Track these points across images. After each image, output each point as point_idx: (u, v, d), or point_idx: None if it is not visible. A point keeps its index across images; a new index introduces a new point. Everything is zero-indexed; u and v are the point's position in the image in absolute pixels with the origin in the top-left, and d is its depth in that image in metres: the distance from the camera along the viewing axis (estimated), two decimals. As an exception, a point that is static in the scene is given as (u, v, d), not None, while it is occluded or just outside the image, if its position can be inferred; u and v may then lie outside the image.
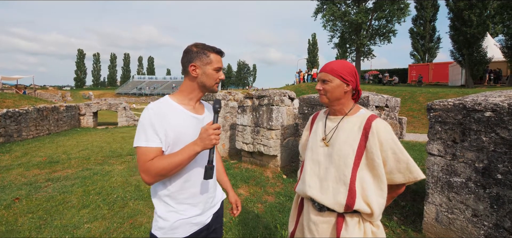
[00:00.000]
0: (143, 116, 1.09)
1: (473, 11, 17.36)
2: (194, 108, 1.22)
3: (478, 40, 17.63)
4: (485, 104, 2.12)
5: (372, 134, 1.11)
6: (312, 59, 56.14)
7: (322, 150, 1.23)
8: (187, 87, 1.20)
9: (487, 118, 2.10)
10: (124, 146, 7.97)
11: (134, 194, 3.87)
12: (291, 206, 3.48)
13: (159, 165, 1.04)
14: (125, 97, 46.88)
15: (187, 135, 1.13)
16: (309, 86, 20.20)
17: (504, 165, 2.01)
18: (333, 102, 1.21)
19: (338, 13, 24.14)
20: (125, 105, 17.32)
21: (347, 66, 1.20)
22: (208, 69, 1.17)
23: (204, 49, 1.18)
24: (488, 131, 2.10)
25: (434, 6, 27.09)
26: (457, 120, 2.29)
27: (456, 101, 2.32)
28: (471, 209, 2.26)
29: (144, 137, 1.06)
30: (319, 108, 3.70)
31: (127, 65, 74.31)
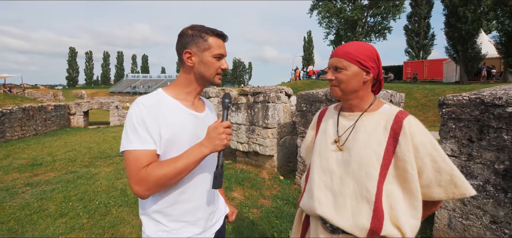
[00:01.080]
0: (132, 112, 0.89)
1: (468, 8, 17.41)
2: (192, 105, 1.02)
3: (472, 37, 17.69)
4: (506, 98, 1.89)
5: (404, 136, 0.85)
6: (307, 56, 56.07)
7: (334, 155, 0.97)
8: (183, 80, 1.01)
9: (509, 114, 1.87)
10: (114, 146, 7.65)
11: (119, 200, 3.57)
12: (289, 211, 3.26)
13: (158, 172, 0.84)
14: (118, 96, 46.14)
15: (184, 136, 0.94)
16: (305, 84, 20.03)
17: (529, 167, 1.79)
18: (348, 95, 0.95)
19: (334, 10, 24.08)
20: (117, 104, 16.90)
21: (366, 48, 0.94)
22: (206, 56, 0.96)
23: (201, 31, 0.96)
24: (511, 129, 1.87)
25: (428, 3, 27.13)
26: (474, 117, 2.06)
27: (472, 95, 2.09)
28: (489, 215, 2.04)
29: (135, 138, 0.86)
30: (318, 105, 3.45)
31: (120, 63, 73.15)
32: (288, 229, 2.75)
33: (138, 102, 0.91)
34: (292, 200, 3.43)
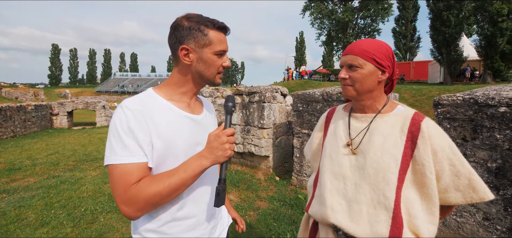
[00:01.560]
0: (116, 118, 0.76)
1: (451, 12, 18.16)
2: (188, 106, 0.90)
3: (455, 40, 18.50)
4: (499, 99, 1.96)
5: (423, 140, 0.82)
6: (299, 57, 56.60)
7: (347, 160, 0.92)
8: (178, 79, 0.88)
9: (501, 114, 1.94)
10: (101, 149, 7.40)
11: (107, 206, 3.42)
12: (286, 212, 3.25)
13: (150, 190, 0.73)
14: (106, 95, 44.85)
15: (180, 144, 0.82)
16: (297, 83, 20.23)
17: (520, 165, 1.86)
18: (362, 95, 0.90)
19: (326, 11, 24.53)
20: (104, 103, 16.40)
21: (382, 46, 0.90)
22: (206, 53, 0.84)
23: (200, 23, 0.83)
24: (503, 128, 1.94)
25: (415, 7, 28.03)
26: (468, 116, 2.13)
27: (466, 96, 2.15)
28: (482, 212, 2.10)
29: (120, 150, 0.74)
30: (315, 105, 3.47)
31: (108, 61, 71.15)
32: (286, 232, 2.74)
33: (123, 106, 0.77)
34: (289, 201, 3.42)
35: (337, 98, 3.20)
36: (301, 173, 3.80)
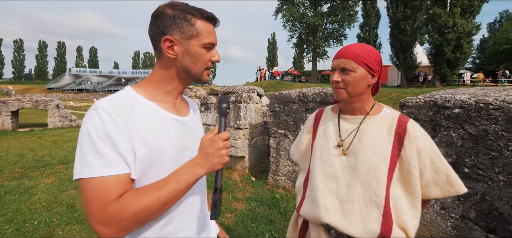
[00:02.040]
0: (90, 123, 0.65)
1: (408, 22, 20.08)
2: (174, 107, 0.81)
3: (410, 47, 20.50)
4: (454, 101, 2.21)
5: (409, 140, 0.88)
6: (271, 57, 57.50)
7: (338, 160, 0.95)
8: (161, 76, 0.78)
9: (456, 115, 2.20)
10: (55, 153, 6.65)
11: (66, 217, 3.07)
12: (264, 212, 3.27)
13: (137, 205, 0.63)
14: (59, 93, 40.65)
15: (167, 150, 0.73)
16: (270, 84, 20.53)
17: (470, 160, 2.12)
18: (354, 97, 0.94)
19: (297, 14, 25.37)
20: (58, 102, 14.79)
21: (373, 51, 0.94)
22: (193, 46, 0.75)
23: (186, 12, 0.74)
24: (457, 127, 2.19)
25: (377, 15, 30.32)
26: (429, 117, 2.36)
27: (427, 98, 2.39)
28: (439, 203, 2.35)
29: (96, 160, 0.63)
30: (291, 106, 3.56)
31: (62, 55, 64.55)
32: (264, 232, 2.76)
33: (98, 108, 0.66)
34: (266, 201, 3.45)
35: (313, 99, 3.32)
36: (278, 172, 3.86)
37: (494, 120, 1.99)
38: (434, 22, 17.95)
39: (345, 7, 25.29)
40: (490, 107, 2.01)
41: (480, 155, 2.07)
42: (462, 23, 16.70)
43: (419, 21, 20.27)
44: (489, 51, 27.97)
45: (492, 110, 2.00)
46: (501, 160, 1.96)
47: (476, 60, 32.07)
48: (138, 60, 76.33)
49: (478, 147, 2.07)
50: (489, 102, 2.02)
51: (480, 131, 2.06)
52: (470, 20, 16.99)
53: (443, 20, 16.99)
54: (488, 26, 36.84)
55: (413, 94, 12.50)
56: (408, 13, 19.90)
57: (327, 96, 3.19)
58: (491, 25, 36.44)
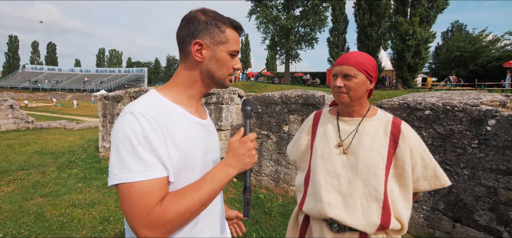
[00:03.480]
0: (128, 127, 0.65)
1: (373, 28, 21.54)
2: (197, 111, 0.84)
3: (376, 52, 22.00)
4: (425, 104, 2.42)
5: (403, 140, 0.98)
6: (244, 59, 57.56)
7: (339, 159, 1.03)
8: (186, 78, 0.80)
9: (426, 116, 2.41)
10: (13, 158, 6.00)
11: (36, 228, 2.82)
12: (250, 213, 3.29)
13: (179, 207, 0.65)
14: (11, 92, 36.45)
15: (196, 154, 0.75)
16: (245, 85, 20.54)
17: (439, 156, 2.34)
18: (354, 102, 1.03)
19: (270, 17, 25.72)
20: (12, 102, 13.29)
21: (371, 59, 1.03)
22: (220, 52, 0.78)
23: (217, 20, 0.79)
24: (427, 127, 2.41)
25: (345, 20, 32.01)
26: (403, 118, 2.56)
27: (401, 100, 2.59)
28: (413, 196, 2.56)
29: (137, 165, 0.63)
30: (274, 107, 3.60)
31: (14, 51, 57.84)
32: (251, 232, 2.76)
33: (135, 112, 0.67)
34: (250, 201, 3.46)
35: (295, 100, 3.39)
36: (260, 173, 3.89)
37: (459, 120, 2.22)
38: (396, 29, 19.49)
39: (316, 11, 26.36)
40: (456, 109, 2.24)
41: (447, 152, 2.29)
42: (420, 31, 18.36)
43: (383, 28, 21.90)
44: (443, 57, 31.17)
45: (457, 111, 2.23)
46: (465, 157, 2.20)
47: (432, 66, 35.52)
48: (103, 58, 71.24)
49: (445, 145, 2.30)
50: (454, 104, 2.25)
51: (447, 130, 2.28)
52: (427, 29, 18.75)
53: (404, 27, 18.52)
54: (442, 35, 40.96)
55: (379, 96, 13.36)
56: (374, 20, 21.38)
57: (309, 98, 3.29)
58: (444, 34, 40.56)
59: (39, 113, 20.37)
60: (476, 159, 2.15)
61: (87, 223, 2.94)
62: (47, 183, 4.30)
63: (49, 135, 9.87)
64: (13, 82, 45.13)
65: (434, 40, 19.87)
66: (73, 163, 5.64)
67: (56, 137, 9.39)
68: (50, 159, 6.00)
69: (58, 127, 12.60)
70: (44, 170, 5.10)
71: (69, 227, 2.84)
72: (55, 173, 4.94)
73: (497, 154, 2.05)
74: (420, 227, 2.50)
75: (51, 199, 3.62)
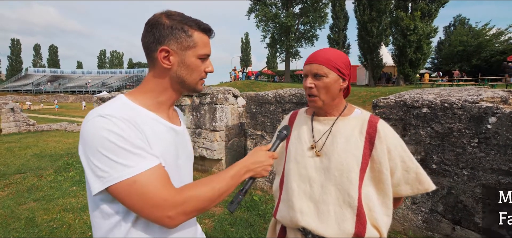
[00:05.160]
0: (104, 130, 0.63)
1: (374, 24, 21.27)
2: (168, 117, 0.81)
3: (377, 48, 21.74)
4: (422, 101, 2.32)
5: (380, 140, 0.89)
6: (245, 57, 57.38)
7: (312, 162, 0.96)
8: (154, 85, 0.78)
9: (424, 114, 2.31)
10: (11, 162, 5.98)
11: (25, 233, 2.77)
12: (242, 216, 3.20)
13: (199, 193, 0.68)
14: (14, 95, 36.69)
15: (169, 160, 0.74)
16: (244, 84, 20.48)
17: (438, 156, 2.24)
18: (328, 104, 0.95)
19: (270, 15, 25.60)
20: (13, 105, 13.37)
21: (343, 56, 0.95)
22: (189, 57, 0.76)
23: (184, 23, 0.75)
24: (425, 126, 2.30)
25: (345, 17, 31.74)
26: (399, 116, 2.46)
27: (397, 98, 2.49)
28: (410, 198, 2.46)
29: (131, 159, 0.63)
30: (268, 107, 3.52)
31: (16, 54, 58.30)
32: (244, 236, 2.69)
33: (106, 115, 0.64)
34: (244, 203, 3.38)
35: (289, 100, 3.30)
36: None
37: (458, 118, 2.12)
38: (397, 25, 19.23)
39: (316, 8, 26.16)
40: (454, 107, 2.13)
41: (446, 151, 2.19)
42: (422, 26, 18.09)
43: (384, 24, 21.61)
44: (445, 52, 30.72)
45: (456, 109, 2.12)
46: (465, 156, 2.10)
47: (434, 61, 35.07)
48: (104, 59, 71.47)
49: (444, 144, 2.20)
50: (453, 101, 2.15)
51: (446, 129, 2.18)
52: (429, 23, 18.47)
53: (405, 23, 18.26)
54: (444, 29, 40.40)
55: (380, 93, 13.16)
56: (374, 16, 21.10)
57: (304, 97, 3.20)
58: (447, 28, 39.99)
59: (42, 115, 20.48)
60: (476, 158, 2.05)
61: (77, 228, 2.89)
62: (42, 187, 4.26)
63: (49, 137, 9.88)
64: (16, 85, 45.49)
65: (436, 35, 19.60)
66: (70, 166, 5.60)
67: (56, 139, 9.38)
68: (48, 162, 5.97)
69: (59, 129, 12.63)
70: (41, 173, 5.07)
71: (59, 233, 2.79)
72: (52, 176, 4.90)
73: (498, 154, 1.95)
74: (418, 230, 2.40)
75: (44, 203, 3.57)
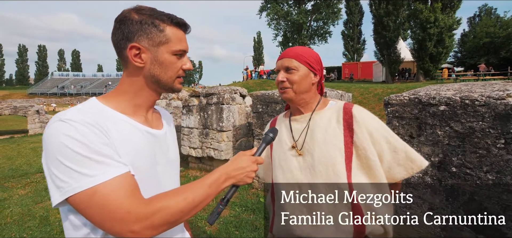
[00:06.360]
0: (64, 135, 0.57)
1: (390, 18, 20.41)
2: (146, 120, 0.75)
3: (394, 43, 20.85)
4: (439, 98, 2.12)
5: (357, 124, 0.89)
6: (257, 56, 57.42)
7: (296, 163, 0.93)
8: (129, 87, 0.72)
9: (441, 112, 2.11)
10: (34, 161, 6.31)
11: (37, 232, 2.87)
12: (248, 218, 3.13)
13: (169, 205, 0.61)
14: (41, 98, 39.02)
15: (143, 167, 0.68)
16: (256, 83, 20.41)
17: (458, 158, 2.04)
18: (299, 96, 0.96)
19: (282, 13, 25.36)
20: (38, 107, 14.22)
21: (312, 52, 0.99)
22: (162, 54, 0.70)
23: (154, 17, 0.69)
24: (443, 125, 2.10)
25: (360, 12, 30.84)
26: (414, 115, 2.27)
27: (412, 95, 2.30)
28: (428, 203, 2.26)
29: (92, 167, 0.57)
30: (274, 106, 3.41)
31: (43, 59, 62.00)
32: (249, 239, 2.61)
33: (66, 119, 0.59)
34: (251, 206, 3.31)
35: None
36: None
37: (481, 117, 1.91)
38: (416, 18, 18.34)
39: (329, 4, 25.56)
40: (476, 104, 1.93)
41: (467, 153, 1.99)
42: (443, 18, 17.14)
43: (401, 17, 20.67)
44: (470, 45, 28.92)
45: (478, 106, 1.92)
46: (489, 159, 1.89)
47: (457, 54, 33.12)
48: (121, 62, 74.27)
49: (465, 145, 1.99)
50: (475, 98, 1.94)
51: (467, 128, 1.98)
52: (451, 15, 17.47)
53: (425, 15, 17.38)
54: (468, 20, 38.03)
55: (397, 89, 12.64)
56: (391, 9, 20.24)
57: (311, 96, 3.07)
58: (471, 19, 37.62)
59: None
60: (503, 161, 1.83)
61: (86, 229, 2.94)
62: (57, 187, 4.43)
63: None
64: (43, 89, 48.31)
65: (459, 27, 18.51)
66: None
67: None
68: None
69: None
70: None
71: (68, 233, 2.86)
72: (68, 176, 5.10)
73: (529, 156, 1.73)
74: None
75: (58, 203, 3.70)
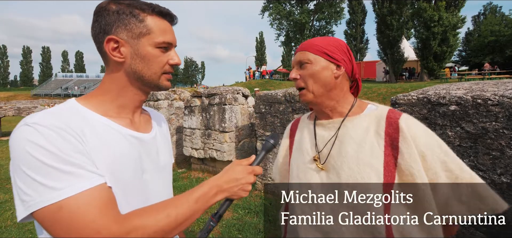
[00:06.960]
0: (27, 141, 0.50)
1: (394, 17, 20.24)
2: (132, 123, 0.67)
3: (397, 42, 20.67)
4: (449, 98, 2.05)
5: (405, 141, 0.67)
6: (260, 57, 57.32)
7: (318, 178, 0.77)
8: (110, 85, 0.65)
9: (452, 112, 2.03)
10: (36, 162, 6.29)
11: (38, 234, 2.83)
12: (251, 221, 3.07)
13: (147, 223, 0.53)
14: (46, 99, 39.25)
15: (126, 176, 0.60)
16: (259, 83, 20.35)
17: (470, 160, 1.96)
18: (320, 96, 0.76)
19: (284, 13, 25.32)
20: (41, 109, 14.24)
21: (334, 40, 0.80)
22: (144, 46, 0.62)
23: (133, 7, 0.62)
24: (454, 125, 2.03)
25: (363, 11, 30.63)
26: (422, 115, 2.19)
27: (420, 95, 2.22)
28: (437, 206, 2.20)
29: (58, 179, 0.49)
30: (277, 106, 3.35)
31: (47, 61, 62.59)
32: (252, 242, 2.55)
33: (31, 123, 0.52)
34: (254, 208, 3.25)
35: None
36: (266, 177, 3.66)
37: (494, 117, 1.83)
38: (420, 16, 18.15)
39: (331, 4, 25.46)
40: (489, 103, 1.85)
41: (480, 155, 1.91)
42: (448, 17, 16.93)
43: (405, 16, 20.47)
44: (474, 43, 28.56)
45: (491, 106, 1.84)
46: (503, 161, 1.81)
47: (462, 53, 32.74)
48: (125, 63, 74.66)
49: (477, 146, 1.92)
50: (487, 97, 1.86)
51: (479, 129, 1.90)
52: (455, 13, 17.26)
53: (429, 14, 17.19)
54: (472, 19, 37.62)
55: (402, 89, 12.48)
56: (394, 8, 20.06)
57: (315, 95, 3.01)
58: (475, 17, 37.20)
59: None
60: (518, 163, 1.75)
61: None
62: (59, 188, 4.42)
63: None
64: (47, 90, 48.68)
65: (464, 25, 18.26)
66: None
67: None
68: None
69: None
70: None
71: (70, 236, 2.83)
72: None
73: (545, 158, 1.65)
74: (446, 243, 2.13)
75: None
